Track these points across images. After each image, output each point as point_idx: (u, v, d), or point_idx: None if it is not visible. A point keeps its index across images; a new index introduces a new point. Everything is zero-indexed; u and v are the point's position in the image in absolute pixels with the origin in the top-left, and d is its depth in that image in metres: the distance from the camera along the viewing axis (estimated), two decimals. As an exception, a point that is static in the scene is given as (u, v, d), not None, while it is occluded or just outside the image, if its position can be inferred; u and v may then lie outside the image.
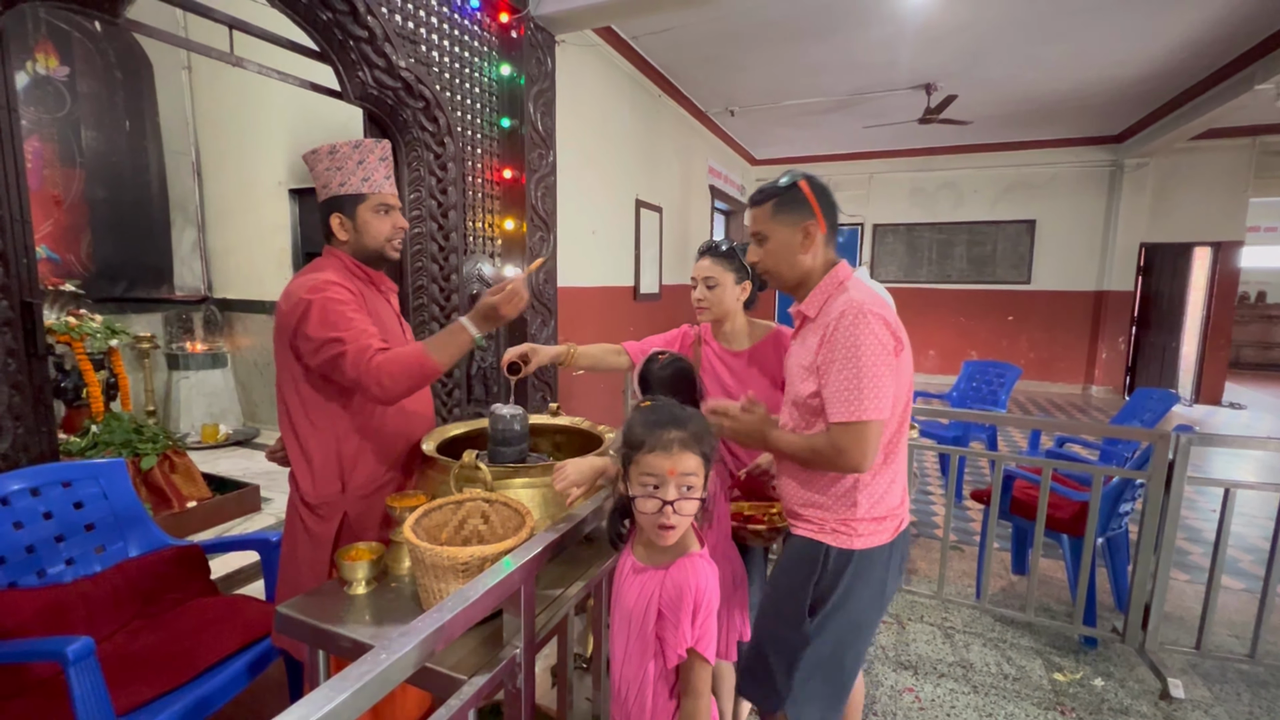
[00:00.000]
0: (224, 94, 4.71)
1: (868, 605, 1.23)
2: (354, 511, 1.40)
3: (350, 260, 1.42)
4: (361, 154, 1.38)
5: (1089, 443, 3.52)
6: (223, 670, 1.45)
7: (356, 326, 1.27)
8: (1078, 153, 7.48)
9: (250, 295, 4.86)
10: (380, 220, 1.40)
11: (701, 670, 1.00)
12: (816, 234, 1.23)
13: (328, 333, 1.25)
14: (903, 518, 1.26)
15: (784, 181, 1.25)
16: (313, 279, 1.32)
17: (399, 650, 0.74)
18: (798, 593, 1.21)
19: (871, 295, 1.19)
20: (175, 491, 2.77)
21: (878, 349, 1.12)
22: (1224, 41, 4.44)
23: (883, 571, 1.22)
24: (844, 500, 1.20)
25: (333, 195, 1.38)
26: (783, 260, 1.27)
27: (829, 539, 1.20)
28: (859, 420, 1.11)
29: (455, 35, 2.93)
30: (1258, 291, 10.32)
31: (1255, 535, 3.46)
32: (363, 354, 1.24)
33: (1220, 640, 2.39)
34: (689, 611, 0.97)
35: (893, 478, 1.23)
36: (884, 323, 1.14)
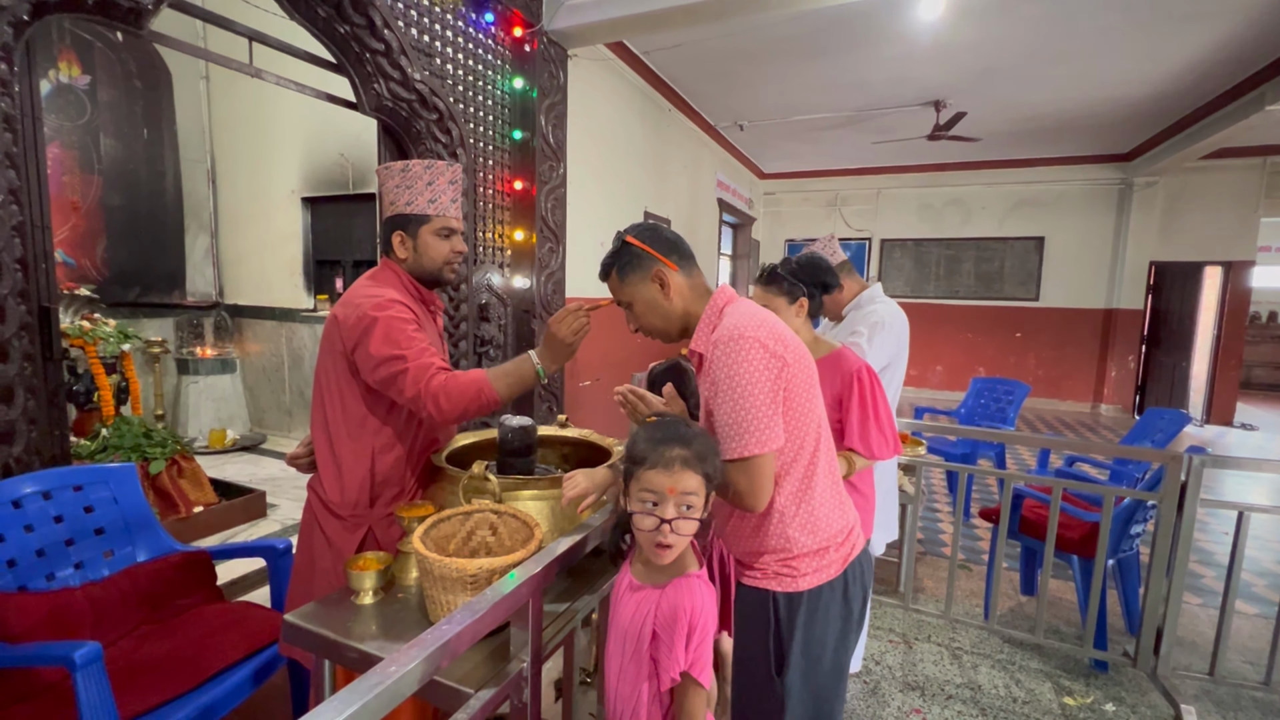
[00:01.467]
0: (240, 103, 4.79)
1: (835, 645, 1.14)
2: (379, 526, 1.40)
3: (407, 277, 1.42)
4: (432, 175, 1.39)
5: (1098, 462, 3.49)
6: (228, 678, 1.45)
7: (419, 345, 1.28)
8: (1086, 170, 7.48)
9: (260, 302, 4.91)
10: (441, 243, 1.41)
11: (695, 695, 0.97)
12: (670, 276, 1.18)
13: (391, 350, 1.26)
14: (853, 545, 1.17)
15: (614, 245, 1.23)
16: (377, 295, 1.32)
17: (408, 663, 0.74)
18: (757, 651, 1.13)
19: (754, 318, 1.10)
20: (182, 496, 2.78)
21: (757, 376, 1.04)
22: (1234, 62, 4.44)
23: (841, 606, 1.14)
24: (777, 538, 1.11)
25: (399, 213, 1.39)
26: (654, 316, 1.22)
27: (773, 584, 1.11)
28: (746, 456, 1.04)
29: (469, 49, 2.98)
30: (1269, 312, 10.24)
31: (1269, 559, 3.41)
32: (424, 372, 1.25)
33: (1234, 666, 2.35)
34: (683, 633, 0.95)
35: (823, 504, 1.13)
36: (760, 346, 1.05)
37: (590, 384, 4.34)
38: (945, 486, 4.46)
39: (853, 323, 2.12)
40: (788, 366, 1.07)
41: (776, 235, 9.23)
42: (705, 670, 0.97)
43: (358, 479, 1.37)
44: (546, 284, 3.50)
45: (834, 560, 1.13)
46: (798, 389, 1.10)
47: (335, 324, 1.33)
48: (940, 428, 2.82)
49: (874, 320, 2.04)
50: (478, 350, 3.20)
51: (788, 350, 1.08)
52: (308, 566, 1.41)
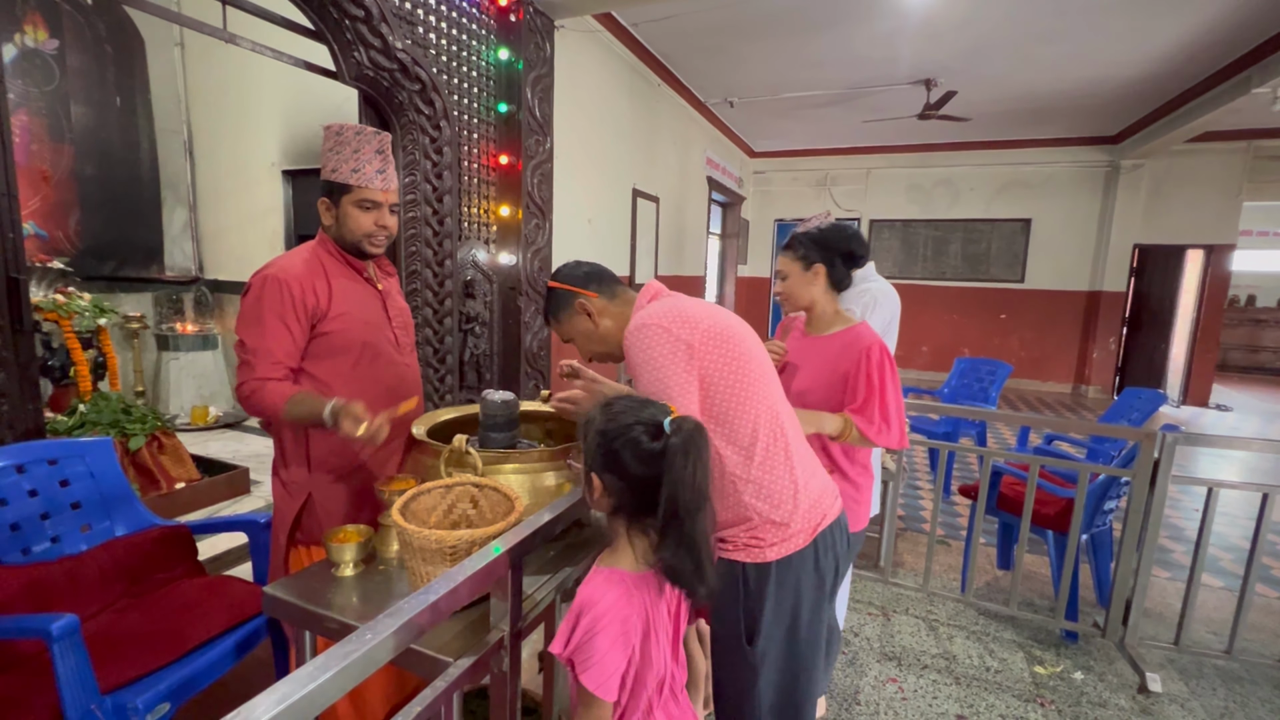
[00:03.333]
0: (217, 72, 4.64)
1: (809, 616, 1.15)
2: (320, 495, 1.40)
3: (333, 245, 1.43)
4: (358, 143, 1.37)
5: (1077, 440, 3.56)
6: (209, 650, 1.45)
7: (264, 343, 1.30)
8: (1074, 152, 7.50)
9: (242, 277, 4.77)
10: (361, 215, 1.39)
11: (584, 698, 0.91)
12: (592, 304, 1.26)
13: (241, 332, 1.31)
14: (821, 516, 1.17)
15: (546, 294, 1.32)
16: (271, 266, 1.35)
17: (384, 631, 0.74)
18: (730, 621, 1.15)
19: (662, 307, 1.16)
20: (163, 472, 2.75)
21: (667, 354, 1.10)
22: (1221, 45, 4.44)
23: (813, 577, 1.15)
24: (736, 507, 1.12)
25: (325, 179, 1.39)
26: (593, 343, 1.29)
27: (742, 555, 1.13)
28: None
29: (453, 17, 2.90)
30: (1248, 295, 10.41)
31: (1236, 535, 3.51)
32: (247, 370, 1.30)
33: (1198, 636, 2.43)
34: (572, 617, 0.92)
35: (780, 475, 1.13)
36: (663, 330, 1.11)
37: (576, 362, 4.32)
38: (927, 464, 4.53)
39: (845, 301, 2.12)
40: (695, 349, 1.10)
41: (766, 215, 9.20)
42: (594, 678, 0.88)
43: (295, 445, 1.40)
44: (533, 261, 3.46)
45: (800, 530, 1.13)
46: (719, 369, 1.11)
47: None
48: (922, 405, 2.85)
49: (867, 299, 2.05)
50: (463, 327, 3.17)
51: (695, 334, 1.11)
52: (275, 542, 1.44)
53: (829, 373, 1.56)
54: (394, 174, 1.43)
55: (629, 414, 0.97)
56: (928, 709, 1.99)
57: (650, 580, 0.97)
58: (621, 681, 0.93)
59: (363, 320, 1.43)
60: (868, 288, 2.05)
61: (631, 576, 0.96)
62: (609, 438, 0.95)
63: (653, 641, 0.96)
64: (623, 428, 0.95)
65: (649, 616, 0.95)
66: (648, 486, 0.93)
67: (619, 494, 0.97)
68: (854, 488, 1.63)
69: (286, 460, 1.41)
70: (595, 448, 0.97)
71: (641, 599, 0.95)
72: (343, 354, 1.39)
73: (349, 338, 1.40)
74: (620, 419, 0.96)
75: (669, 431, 0.93)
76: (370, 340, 1.44)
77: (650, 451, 0.93)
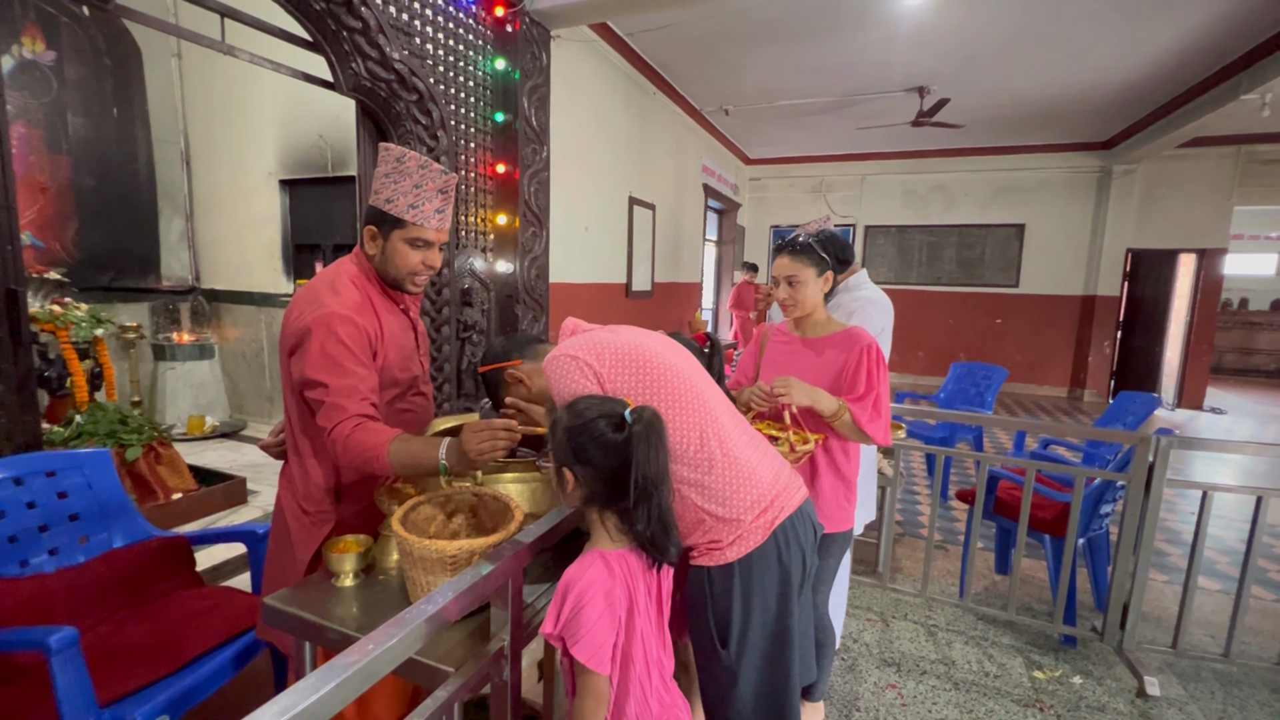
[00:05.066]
0: (214, 83, 4.67)
1: (777, 610, 1.16)
2: (347, 521, 1.38)
3: (375, 275, 1.35)
4: (421, 178, 1.28)
5: (1073, 445, 3.57)
6: (208, 661, 1.44)
7: (348, 381, 1.20)
8: (1067, 158, 7.56)
9: (239, 286, 4.83)
10: (411, 253, 1.31)
11: (579, 674, 0.97)
12: (520, 372, 1.36)
13: (318, 375, 1.19)
14: (778, 510, 1.17)
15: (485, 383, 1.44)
16: (324, 306, 1.23)
17: (387, 641, 0.75)
18: (702, 626, 1.17)
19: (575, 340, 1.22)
20: (160, 483, 2.75)
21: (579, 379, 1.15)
22: (1211, 51, 4.50)
23: (777, 571, 1.16)
24: (693, 513, 1.15)
25: (377, 207, 1.29)
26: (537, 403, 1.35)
27: (705, 560, 1.16)
28: None
29: (450, 28, 2.92)
30: (1240, 298, 10.48)
31: (1232, 538, 3.52)
32: (338, 412, 1.18)
33: (1196, 640, 2.44)
34: (559, 598, 0.99)
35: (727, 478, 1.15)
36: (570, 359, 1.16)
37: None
38: (925, 469, 4.54)
39: (838, 307, 2.14)
40: (602, 374, 1.15)
41: (762, 221, 9.24)
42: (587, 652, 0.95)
43: (322, 475, 1.33)
44: (530, 269, 3.47)
45: (755, 528, 1.15)
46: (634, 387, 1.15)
47: (284, 323, 1.28)
48: (919, 411, 2.86)
49: (857, 306, 2.06)
50: (460, 335, 3.18)
51: (603, 359, 1.15)
52: (278, 558, 1.41)
53: (823, 373, 1.60)
54: (450, 214, 1.36)
55: (592, 410, 1.05)
56: (927, 715, 1.99)
57: (629, 556, 1.05)
58: (612, 655, 0.99)
59: (402, 355, 1.39)
60: (860, 294, 2.06)
61: (611, 554, 1.04)
62: (575, 433, 1.03)
63: (637, 616, 1.03)
64: (587, 423, 1.03)
65: (631, 590, 1.03)
66: (615, 473, 1.01)
67: (590, 483, 1.04)
68: (845, 485, 1.67)
69: (311, 490, 1.33)
70: (564, 444, 1.04)
71: (623, 573, 1.03)
72: (385, 390, 1.35)
73: (391, 375, 1.35)
74: (585, 415, 1.04)
75: (630, 421, 1.02)
76: (408, 374, 1.41)
77: (614, 442, 1.01)
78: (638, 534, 1.02)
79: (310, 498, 1.35)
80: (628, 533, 1.04)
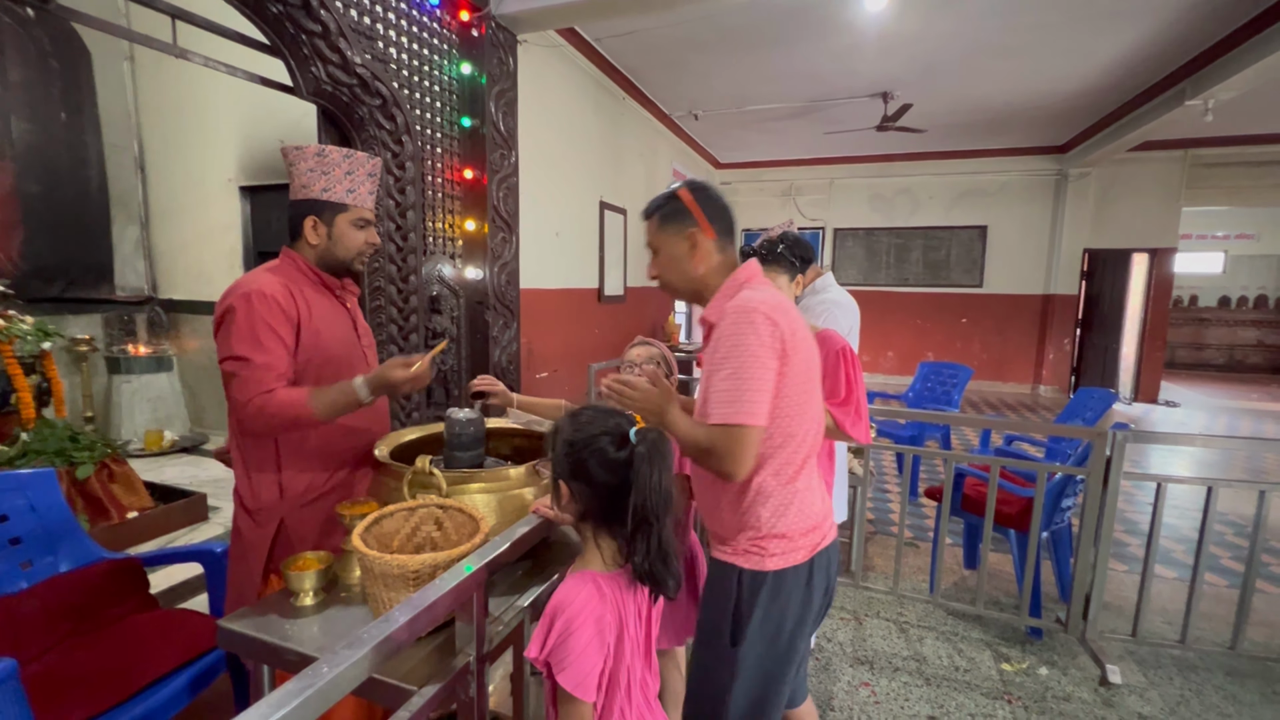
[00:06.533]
0: (169, 86, 4.52)
1: (792, 629, 1.16)
2: (292, 520, 1.36)
3: (306, 264, 1.40)
4: (351, 165, 1.39)
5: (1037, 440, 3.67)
6: (162, 688, 1.38)
7: (264, 356, 1.25)
8: (1026, 162, 7.80)
9: (199, 296, 4.67)
10: (357, 233, 1.41)
11: (563, 700, 0.91)
12: (703, 241, 1.20)
13: (241, 349, 1.25)
14: (822, 536, 1.19)
15: (667, 191, 1.24)
16: (249, 284, 1.29)
17: (343, 663, 0.72)
18: (718, 621, 1.16)
19: (771, 296, 1.12)
20: (114, 502, 2.64)
21: (760, 351, 1.05)
22: (1157, 59, 4.69)
23: (803, 593, 1.15)
24: (751, 516, 1.14)
25: (313, 198, 1.37)
26: (675, 271, 1.24)
27: (740, 561, 1.14)
28: (735, 423, 1.05)
29: (413, 32, 2.88)
30: (1190, 296, 10.92)
31: (1188, 527, 3.65)
32: (257, 385, 1.24)
33: (1154, 627, 2.52)
34: (547, 620, 0.94)
35: (803, 493, 1.15)
36: (772, 324, 1.07)
37: (546, 375, 4.31)
38: (895, 467, 4.62)
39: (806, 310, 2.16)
40: (788, 355, 1.08)
41: (733, 225, 9.31)
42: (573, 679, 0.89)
43: (263, 470, 1.34)
44: (500, 275, 3.44)
45: (801, 546, 1.15)
46: (797, 377, 1.10)
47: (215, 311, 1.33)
48: (889, 411, 2.91)
49: (824, 309, 2.08)
50: (430, 343, 3.13)
51: (794, 337, 1.09)
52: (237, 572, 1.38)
53: None
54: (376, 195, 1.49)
55: (595, 424, 1.00)
56: (900, 711, 2.02)
57: (620, 580, 0.99)
58: (599, 682, 0.95)
59: (335, 338, 1.41)
60: (827, 296, 2.09)
61: (602, 577, 0.98)
62: (576, 447, 0.99)
63: (626, 641, 0.99)
64: (589, 438, 0.98)
65: (622, 615, 0.98)
66: (614, 493, 0.97)
67: (586, 500, 1.00)
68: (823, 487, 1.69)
69: (254, 489, 1.35)
70: (563, 456, 1.00)
71: (614, 598, 0.97)
72: (318, 371, 1.37)
73: (324, 354, 1.38)
74: (587, 429, 1.00)
75: (634, 441, 0.97)
76: (343, 357, 1.43)
77: (616, 460, 0.97)
78: (635, 565, 0.97)
79: (253, 496, 1.35)
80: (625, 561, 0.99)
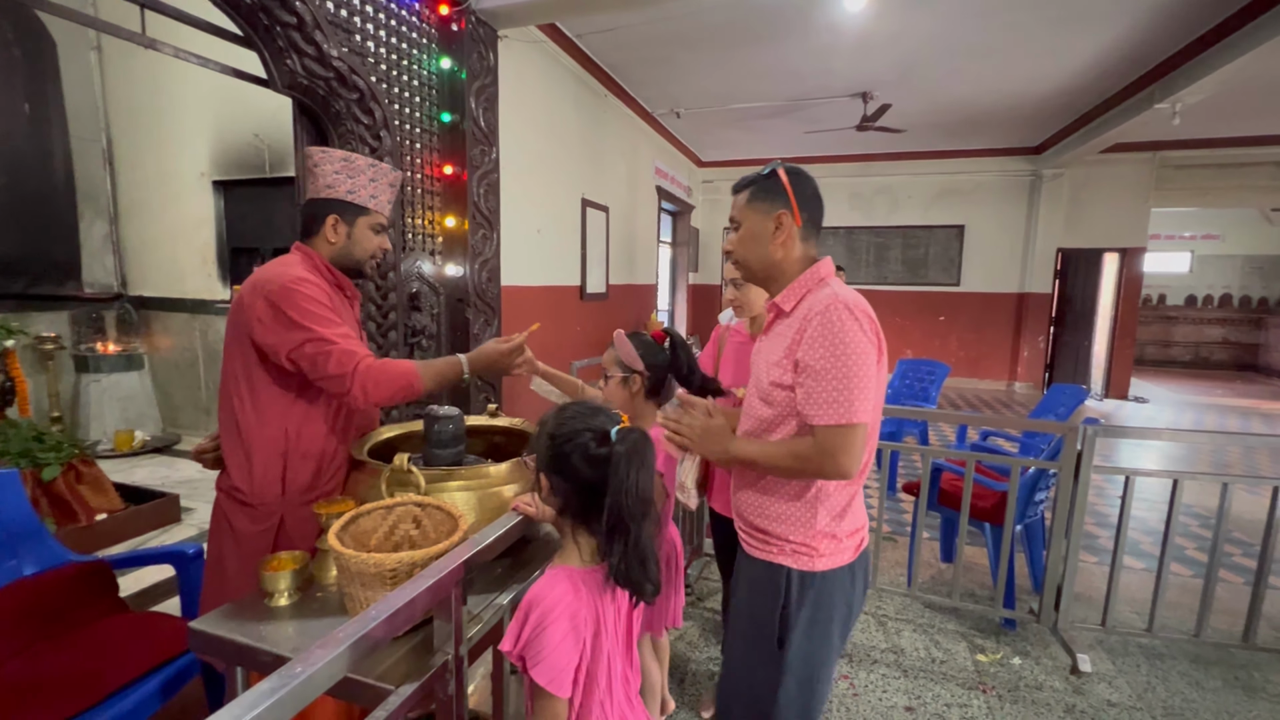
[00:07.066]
0: (139, 77, 4.41)
1: (839, 629, 1.17)
2: (291, 518, 1.35)
3: (322, 261, 1.43)
4: (375, 173, 1.45)
5: (1012, 436, 3.74)
6: (132, 693, 1.36)
7: (339, 328, 1.31)
8: (1001, 162, 7.93)
9: (171, 293, 4.58)
10: (373, 237, 1.47)
11: (537, 696, 0.92)
12: (790, 225, 1.18)
13: (314, 326, 1.27)
14: (863, 537, 1.20)
15: (764, 170, 1.23)
16: (284, 273, 1.31)
17: (317, 662, 0.71)
18: (765, 625, 1.14)
19: (856, 295, 1.13)
20: (82, 504, 2.57)
21: (865, 349, 1.06)
22: (1127, 62, 4.79)
23: (848, 593, 1.16)
24: (804, 514, 1.13)
25: (338, 198, 1.41)
26: (753, 249, 1.22)
27: (789, 561, 1.13)
28: (849, 423, 1.03)
29: (392, 26, 2.84)
30: (1159, 294, 11.21)
31: (1156, 519, 3.75)
32: (351, 356, 1.28)
33: (1123, 617, 2.59)
34: (521, 615, 0.94)
35: (855, 494, 1.17)
36: (871, 322, 1.09)
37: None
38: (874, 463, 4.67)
39: None
40: (881, 355, 1.10)
41: (715, 223, 9.35)
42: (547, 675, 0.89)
43: (268, 465, 1.33)
44: (480, 272, 3.41)
45: (849, 547, 1.15)
46: (880, 378, 1.11)
47: (241, 307, 1.31)
48: (867, 408, 2.94)
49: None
50: (409, 340, 3.10)
51: (881, 337, 1.11)
52: (217, 570, 1.36)
53: None
54: None
55: (579, 420, 1.00)
56: (878, 703, 2.05)
57: (598, 577, 0.99)
58: (575, 678, 0.94)
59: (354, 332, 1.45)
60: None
61: (579, 572, 0.98)
62: (558, 441, 0.99)
63: (604, 638, 0.98)
64: (572, 432, 0.99)
65: (599, 612, 0.97)
66: (594, 490, 0.96)
67: (566, 495, 1.00)
68: None
69: (255, 485, 1.33)
70: (545, 450, 1.01)
71: (591, 595, 0.97)
72: None
73: None
74: (571, 424, 1.00)
75: (615, 440, 0.97)
76: None
77: (596, 456, 0.97)
78: (612, 567, 0.95)
79: (253, 490, 1.34)
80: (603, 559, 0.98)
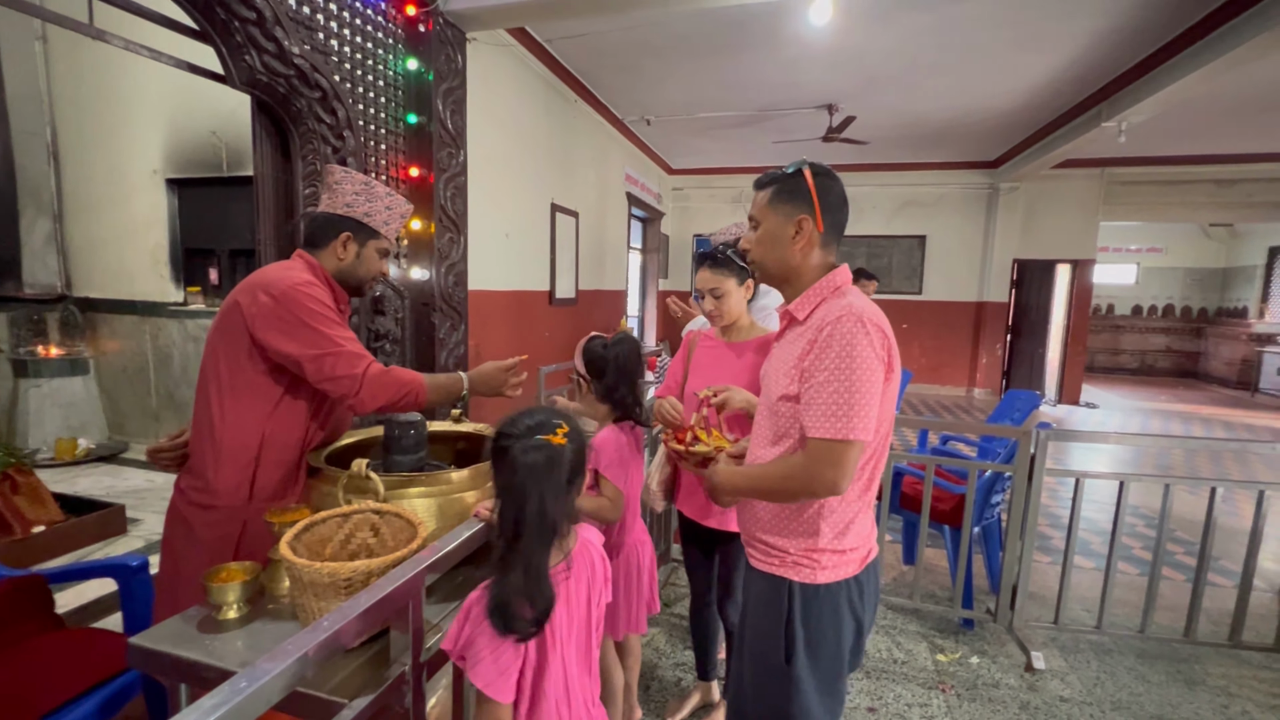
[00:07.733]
0: (88, 70, 4.24)
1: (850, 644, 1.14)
2: (255, 525, 1.31)
3: (325, 274, 1.44)
4: (391, 202, 1.48)
5: (970, 440, 3.85)
6: (68, 713, 1.28)
7: (344, 331, 1.33)
8: (961, 175, 8.20)
9: (119, 295, 4.39)
10: (378, 261, 1.50)
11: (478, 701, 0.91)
12: (811, 231, 1.14)
13: (321, 328, 1.28)
14: (870, 550, 1.17)
15: (789, 168, 1.18)
16: (297, 276, 1.33)
17: (263, 676, 0.69)
18: (771, 639, 1.12)
19: (873, 306, 1.10)
20: (17, 515, 2.44)
21: (873, 364, 1.02)
22: (1077, 82, 5.01)
23: (855, 606, 1.13)
24: (807, 527, 1.11)
25: (354, 218, 1.43)
26: (770, 251, 1.19)
27: (791, 573, 1.11)
28: (845, 439, 1.00)
29: (356, 25, 2.79)
30: (1108, 304, 11.72)
31: (1105, 520, 3.90)
32: (360, 358, 1.31)
33: (1074, 615, 2.68)
34: (463, 614, 0.93)
35: (863, 508, 1.14)
36: (882, 335, 1.05)
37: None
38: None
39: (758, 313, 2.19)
40: (891, 371, 1.07)
41: (685, 230, 9.42)
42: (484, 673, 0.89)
43: (237, 466, 1.30)
44: (447, 276, 3.36)
45: (853, 560, 1.13)
46: (889, 394, 1.08)
47: (237, 308, 1.29)
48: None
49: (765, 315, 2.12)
50: (372, 345, 3.03)
51: (893, 352, 1.08)
52: (173, 581, 1.31)
53: (742, 373, 1.67)
54: None
55: (523, 419, 1.00)
56: (842, 705, 2.07)
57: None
58: (519, 685, 0.92)
59: None
60: (764, 305, 2.13)
61: None
62: (499, 438, 0.98)
63: (554, 641, 0.95)
64: (518, 433, 0.97)
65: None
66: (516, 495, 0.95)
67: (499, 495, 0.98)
68: None
69: (222, 486, 1.30)
70: (490, 445, 1.00)
71: None
72: None
73: None
74: (518, 422, 0.99)
75: (534, 446, 0.95)
76: None
77: (513, 458, 0.95)
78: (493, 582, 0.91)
79: (221, 490, 1.30)
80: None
